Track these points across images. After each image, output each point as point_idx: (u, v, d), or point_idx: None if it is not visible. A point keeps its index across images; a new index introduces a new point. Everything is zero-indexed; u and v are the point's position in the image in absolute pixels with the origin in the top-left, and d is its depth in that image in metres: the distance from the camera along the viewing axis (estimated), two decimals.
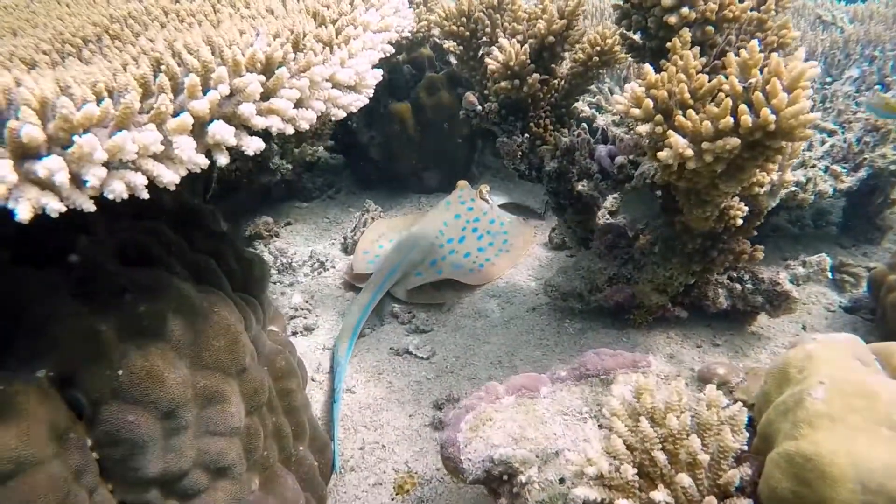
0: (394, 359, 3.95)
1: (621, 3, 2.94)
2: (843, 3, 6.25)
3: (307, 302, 4.65)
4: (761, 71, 2.24)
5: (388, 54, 2.80)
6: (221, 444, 2.22)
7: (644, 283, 3.62)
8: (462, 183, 5.30)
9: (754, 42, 2.23)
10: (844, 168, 4.06)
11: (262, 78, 1.89)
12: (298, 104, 2.03)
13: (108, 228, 2.28)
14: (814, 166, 3.95)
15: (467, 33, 3.69)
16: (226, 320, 2.25)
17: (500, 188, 5.88)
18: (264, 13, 2.44)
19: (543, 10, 3.27)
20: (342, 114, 2.16)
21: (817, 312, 4.05)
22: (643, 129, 2.44)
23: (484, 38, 3.70)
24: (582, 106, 4.88)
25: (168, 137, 1.65)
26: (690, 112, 2.31)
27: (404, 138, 5.67)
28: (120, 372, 1.91)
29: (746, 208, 2.94)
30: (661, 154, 2.35)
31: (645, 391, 2.10)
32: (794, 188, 3.77)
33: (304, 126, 1.99)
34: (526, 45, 3.24)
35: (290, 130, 1.95)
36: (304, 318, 4.49)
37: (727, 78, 2.31)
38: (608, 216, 3.97)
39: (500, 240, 4.96)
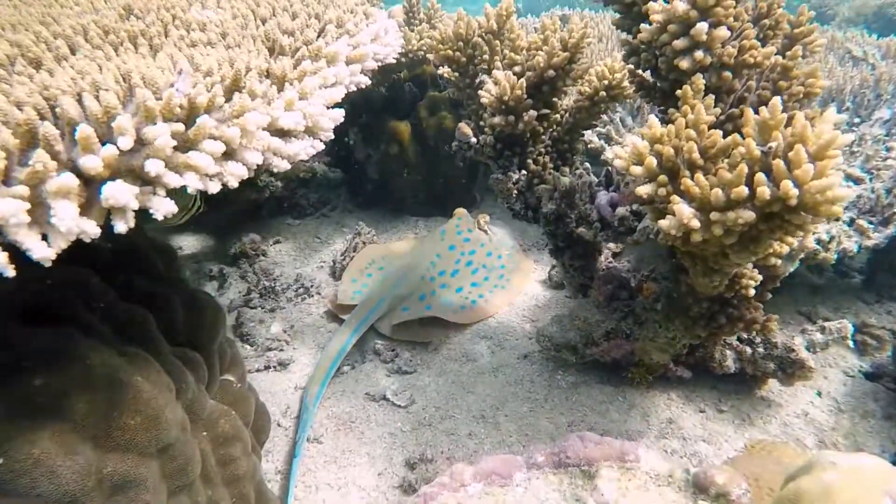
0: (369, 405, 3.65)
1: (630, 39, 2.61)
2: (876, 37, 5.84)
3: (286, 332, 4.36)
4: (783, 133, 1.90)
5: (363, 86, 2.50)
6: None
7: (644, 341, 3.28)
8: (460, 211, 4.98)
9: (776, 100, 1.90)
10: (871, 223, 3.68)
11: (180, 127, 1.59)
12: (229, 156, 1.73)
13: (19, 279, 1.99)
14: (837, 220, 3.58)
15: (464, 59, 3.38)
16: (146, 393, 1.96)
17: (501, 217, 5.55)
18: (215, 40, 2.14)
19: (545, 41, 2.95)
20: (286, 165, 1.86)
21: (834, 377, 3.67)
22: (644, 190, 2.12)
23: (481, 66, 3.38)
24: (590, 136, 4.54)
25: (47, 201, 1.36)
26: (699, 176, 1.98)
27: (403, 158, 5.37)
28: (1, 461, 1.62)
29: (760, 277, 2.60)
30: (663, 223, 2.02)
31: None
32: (815, 246, 3.40)
33: (233, 183, 1.70)
34: (523, 80, 2.92)
35: (213, 188, 1.65)
36: (281, 350, 4.20)
37: (743, 137, 1.97)
38: (611, 259, 3.65)
39: (495, 275, 4.63)
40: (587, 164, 3.40)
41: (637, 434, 3.25)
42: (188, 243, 5.53)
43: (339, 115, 2.13)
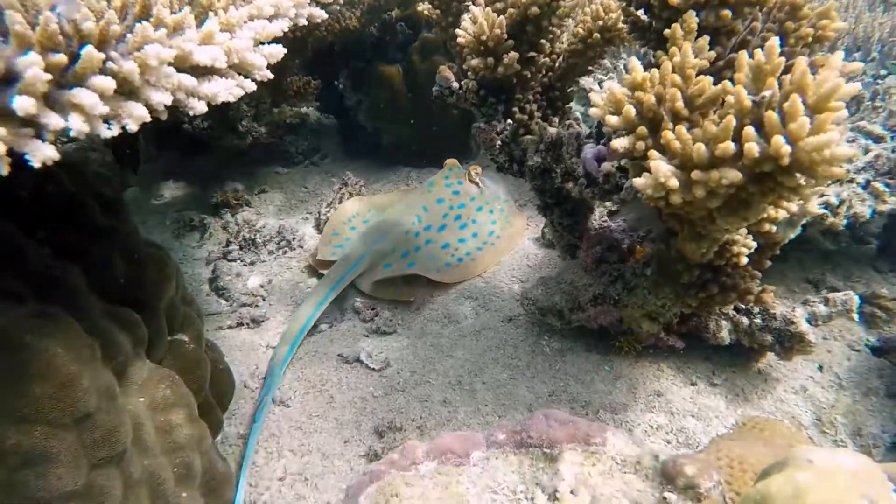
0: (342, 367, 3.49)
1: None
2: None
3: (263, 287, 4.19)
4: (780, 82, 1.62)
5: (318, 20, 2.23)
6: None
7: (633, 308, 3.05)
8: (451, 161, 4.70)
9: (774, 40, 1.61)
10: (889, 186, 3.35)
11: (62, 58, 1.36)
12: (131, 95, 1.50)
13: None
14: (851, 181, 3.27)
15: None
16: (58, 358, 1.78)
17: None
18: None
19: None
20: (202, 107, 1.61)
21: (838, 351, 3.43)
22: (621, 143, 1.85)
23: (466, 2, 3.07)
24: (591, 84, 4.21)
25: None
26: (680, 129, 1.71)
27: (394, 105, 5.08)
28: None
29: (754, 244, 2.34)
30: (638, 181, 1.76)
31: None
32: (820, 211, 3.10)
33: (132, 126, 1.46)
34: (502, 17, 2.61)
35: (105, 132, 1.42)
36: (256, 306, 4.04)
37: (735, 85, 1.69)
38: (605, 217, 3.39)
39: (485, 231, 4.39)
40: (578, 115, 3.11)
41: (622, 407, 3.06)
42: (170, 191, 5.34)
43: (278, 51, 1.87)
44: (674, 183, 1.68)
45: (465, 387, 3.28)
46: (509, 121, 3.18)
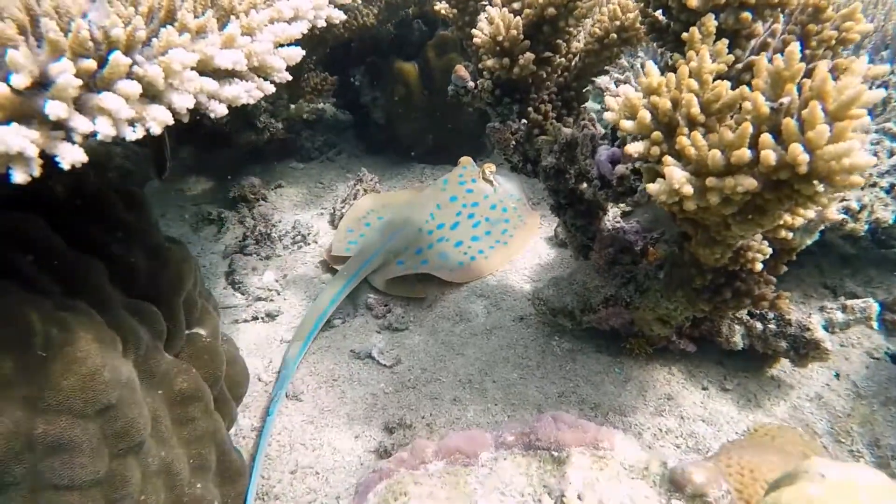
0: (353, 363, 3.52)
1: None
2: None
3: (278, 282, 4.24)
4: (801, 87, 1.61)
5: (335, 21, 2.25)
6: (72, 500, 1.83)
7: (645, 311, 3.05)
8: (465, 160, 4.72)
9: (794, 46, 1.60)
10: None
11: (90, 64, 1.39)
12: (155, 98, 1.53)
13: None
14: (874, 185, 3.23)
15: None
16: (81, 352, 1.83)
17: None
18: None
19: None
20: (223, 110, 1.64)
21: (857, 359, 3.40)
22: (635, 148, 1.85)
23: (482, 1, 3.07)
24: (609, 83, 4.20)
25: None
26: (695, 134, 1.71)
27: (409, 102, 5.09)
28: None
29: (770, 250, 2.33)
30: (652, 187, 1.77)
31: None
32: (840, 217, 3.08)
33: (155, 129, 1.50)
34: (518, 18, 2.61)
35: (131, 135, 1.45)
36: (271, 300, 4.08)
37: (753, 90, 1.69)
38: (619, 218, 3.39)
39: (498, 229, 4.40)
40: (593, 115, 3.10)
41: (631, 410, 3.06)
42: (190, 185, 5.40)
43: (297, 53, 1.89)
44: (688, 189, 1.68)
45: (476, 385, 3.29)
46: (524, 121, 3.19)
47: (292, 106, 5.17)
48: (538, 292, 3.47)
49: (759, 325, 3.04)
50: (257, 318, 3.89)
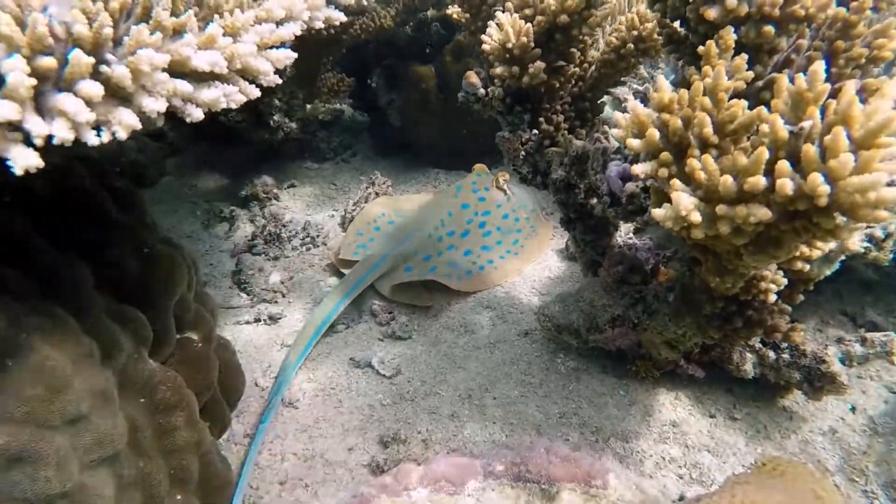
0: (353, 371, 3.44)
1: None
2: None
3: (284, 283, 4.17)
4: (824, 110, 1.48)
5: (336, 22, 2.17)
6: None
7: (653, 333, 2.92)
8: (479, 167, 4.61)
9: (819, 64, 1.47)
10: None
11: (51, 62, 1.31)
12: (126, 101, 1.45)
13: None
14: None
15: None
16: (48, 361, 1.76)
17: None
18: None
19: None
20: (198, 114, 1.56)
21: (874, 393, 3.22)
22: (642, 168, 1.73)
23: (496, 7, 2.96)
24: (626, 93, 4.07)
25: None
26: (707, 158, 1.58)
27: (425, 106, 5.00)
28: None
29: (785, 280, 2.19)
30: (657, 212, 1.64)
31: None
32: (862, 247, 2.91)
33: (121, 134, 1.41)
34: (529, 25, 2.50)
35: (93, 139, 1.38)
36: (275, 302, 4.02)
37: (771, 112, 1.56)
38: (631, 234, 3.25)
39: (509, 239, 4.29)
40: (606, 127, 2.98)
41: (634, 435, 2.93)
42: (203, 181, 5.37)
43: (286, 56, 1.81)
44: (696, 217, 1.56)
45: (475, 401, 3.19)
46: (535, 131, 3.07)
47: (308, 106, 5.11)
48: (544, 308, 3.35)
49: (771, 354, 2.89)
50: (259, 321, 3.83)
